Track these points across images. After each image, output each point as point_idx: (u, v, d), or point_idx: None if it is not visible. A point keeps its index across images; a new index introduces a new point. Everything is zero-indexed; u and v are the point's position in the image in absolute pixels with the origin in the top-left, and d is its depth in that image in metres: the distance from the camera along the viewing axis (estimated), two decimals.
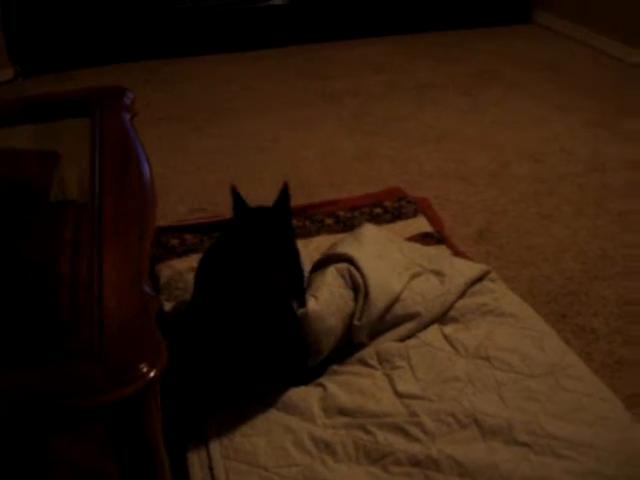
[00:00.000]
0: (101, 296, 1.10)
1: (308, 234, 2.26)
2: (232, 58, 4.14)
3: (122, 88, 1.89)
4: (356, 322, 1.71)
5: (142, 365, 0.97)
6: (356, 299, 1.73)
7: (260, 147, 3.01)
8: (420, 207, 2.39)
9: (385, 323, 1.75)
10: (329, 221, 2.33)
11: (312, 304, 1.64)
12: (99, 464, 1.28)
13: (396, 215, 2.37)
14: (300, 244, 1.73)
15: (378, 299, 1.73)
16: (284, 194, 1.55)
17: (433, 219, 2.33)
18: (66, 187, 2.05)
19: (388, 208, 2.41)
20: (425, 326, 1.79)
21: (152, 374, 0.97)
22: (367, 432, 1.52)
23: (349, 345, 1.74)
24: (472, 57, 4.07)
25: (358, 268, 1.75)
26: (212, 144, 3.06)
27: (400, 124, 3.20)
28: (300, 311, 1.63)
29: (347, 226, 2.29)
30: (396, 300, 1.77)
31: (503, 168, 2.77)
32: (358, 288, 1.73)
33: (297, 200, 1.93)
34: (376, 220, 2.31)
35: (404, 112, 3.33)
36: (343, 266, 1.76)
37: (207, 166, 2.83)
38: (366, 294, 1.72)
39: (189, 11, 4.14)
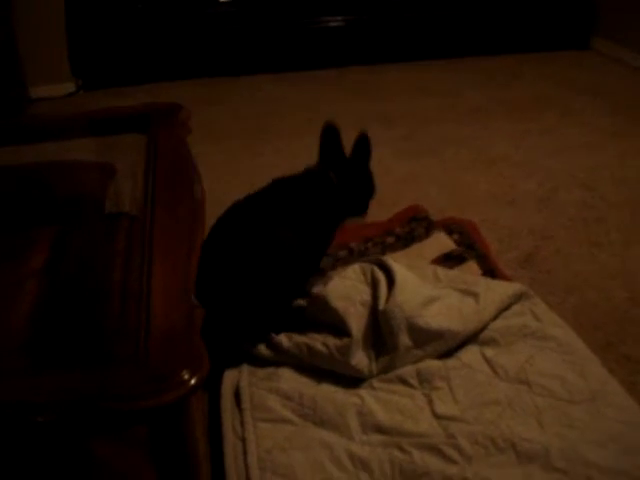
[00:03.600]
0: (149, 305, 1.14)
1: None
2: (285, 77, 4.21)
3: (178, 105, 1.95)
4: (380, 307, 1.72)
5: (184, 373, 1.00)
6: (375, 295, 1.74)
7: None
8: (466, 229, 2.39)
9: (420, 335, 1.75)
10: (342, 253, 2.30)
11: (316, 288, 1.69)
12: (138, 470, 1.32)
13: (409, 239, 2.35)
14: None
15: (406, 289, 1.73)
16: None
17: (479, 242, 2.33)
18: (120, 199, 2.12)
19: (400, 235, 2.39)
20: (461, 343, 1.79)
21: (193, 382, 1.00)
22: (404, 451, 1.53)
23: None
24: (525, 82, 4.07)
25: (386, 266, 1.77)
26: (264, 161, 3.11)
27: (450, 147, 3.22)
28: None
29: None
30: (429, 302, 1.77)
31: (552, 194, 2.76)
32: (377, 283, 1.75)
33: None
34: (390, 249, 2.29)
35: (455, 136, 3.35)
36: (367, 265, 1.79)
37: (259, 183, 2.88)
38: (391, 281, 1.74)
39: (245, 31, 4.23)
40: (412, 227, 2.42)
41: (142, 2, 4.15)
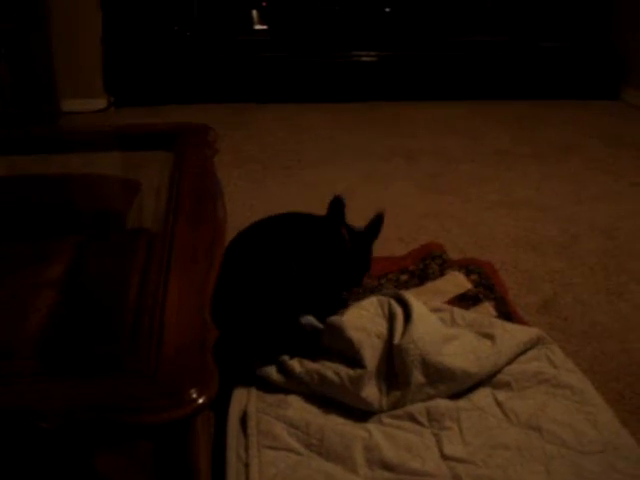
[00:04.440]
0: (162, 321, 1.14)
1: None
2: (315, 108, 4.24)
3: (206, 126, 1.97)
4: (395, 341, 1.70)
5: (193, 391, 1.00)
6: (391, 328, 1.73)
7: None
8: (485, 270, 2.37)
9: (434, 373, 1.72)
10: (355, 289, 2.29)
11: (332, 317, 1.71)
12: None
13: (422, 277, 2.32)
14: None
15: (422, 325, 1.72)
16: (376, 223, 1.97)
17: (498, 284, 2.32)
18: (143, 215, 2.14)
19: (414, 272, 2.37)
20: (475, 384, 1.77)
21: (201, 400, 0.99)
22: None
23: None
24: (552, 128, 4.07)
25: (404, 300, 1.77)
26: (288, 189, 3.13)
27: (474, 187, 3.22)
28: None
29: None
30: (445, 340, 1.76)
31: (574, 240, 2.74)
32: (393, 317, 1.74)
33: None
34: (404, 286, 2.27)
35: (479, 176, 3.35)
36: (384, 298, 1.78)
37: (281, 209, 2.88)
38: (408, 316, 1.73)
39: (278, 59, 4.28)
40: (426, 264, 2.40)
41: (178, 24, 4.21)
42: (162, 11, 4.19)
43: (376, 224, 2.02)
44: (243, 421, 1.69)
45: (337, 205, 2.00)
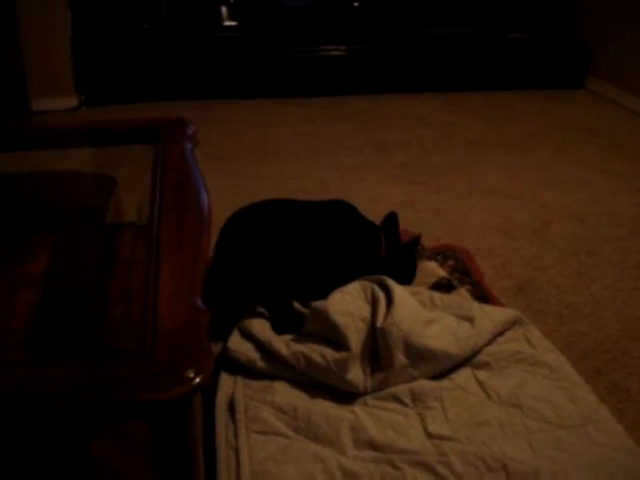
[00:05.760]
0: (155, 307, 1.16)
1: None
2: (286, 102, 4.26)
3: (184, 119, 1.99)
4: (378, 323, 1.74)
5: (189, 371, 1.02)
6: (374, 312, 1.77)
7: (308, 190, 3.09)
8: (461, 256, 2.42)
9: (416, 354, 1.76)
10: None
11: (317, 302, 1.77)
12: (135, 469, 1.32)
13: None
14: None
15: (404, 309, 1.76)
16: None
17: (474, 269, 2.36)
18: (122, 210, 2.15)
19: None
20: (456, 365, 1.81)
21: (197, 380, 1.02)
22: (396, 468, 1.54)
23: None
24: (521, 118, 4.14)
25: (386, 285, 1.80)
26: (261, 183, 3.15)
27: (447, 177, 3.27)
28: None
29: None
30: (426, 323, 1.80)
31: (545, 226, 2.80)
32: (376, 301, 1.78)
33: None
34: None
35: (451, 166, 3.40)
36: (368, 283, 1.82)
37: None
38: (390, 301, 1.77)
39: (248, 55, 4.29)
40: None
41: (148, 22, 4.21)
42: (131, 9, 4.18)
43: (415, 241, 2.16)
44: (231, 407, 1.71)
45: (391, 219, 2.16)
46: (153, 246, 1.35)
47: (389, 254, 2.06)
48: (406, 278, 2.09)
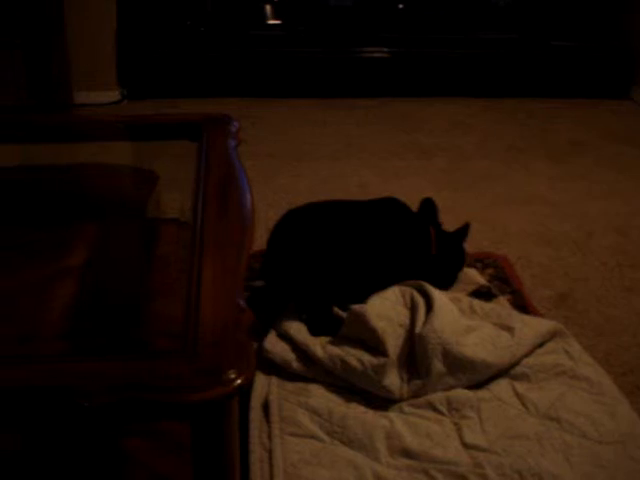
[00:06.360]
0: (198, 305, 1.16)
1: None
2: (327, 103, 4.25)
3: (228, 116, 1.98)
4: (417, 330, 1.72)
5: (231, 372, 1.01)
6: (413, 318, 1.76)
7: (347, 191, 3.07)
8: (501, 265, 2.39)
9: (454, 363, 1.74)
10: None
11: (356, 306, 1.76)
12: (173, 469, 1.32)
13: None
14: None
15: (443, 316, 1.74)
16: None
17: (513, 278, 2.33)
18: (162, 205, 2.15)
19: None
20: (494, 376, 1.79)
21: (239, 381, 1.01)
22: (430, 477, 1.53)
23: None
24: (563, 127, 4.07)
25: (425, 291, 1.79)
26: (301, 182, 3.14)
27: (488, 184, 3.23)
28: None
29: None
30: (465, 331, 1.78)
31: (587, 237, 2.76)
32: (416, 307, 1.76)
33: None
34: None
35: (492, 172, 3.36)
36: (407, 288, 1.81)
37: (295, 203, 2.91)
38: (430, 307, 1.76)
39: (291, 54, 4.28)
40: None
41: (191, 19, 4.23)
42: (176, 5, 4.20)
43: (464, 229, 2.19)
44: (265, 408, 1.71)
45: (428, 205, 2.14)
46: (196, 243, 1.35)
47: (439, 248, 2.06)
48: (455, 267, 2.12)
